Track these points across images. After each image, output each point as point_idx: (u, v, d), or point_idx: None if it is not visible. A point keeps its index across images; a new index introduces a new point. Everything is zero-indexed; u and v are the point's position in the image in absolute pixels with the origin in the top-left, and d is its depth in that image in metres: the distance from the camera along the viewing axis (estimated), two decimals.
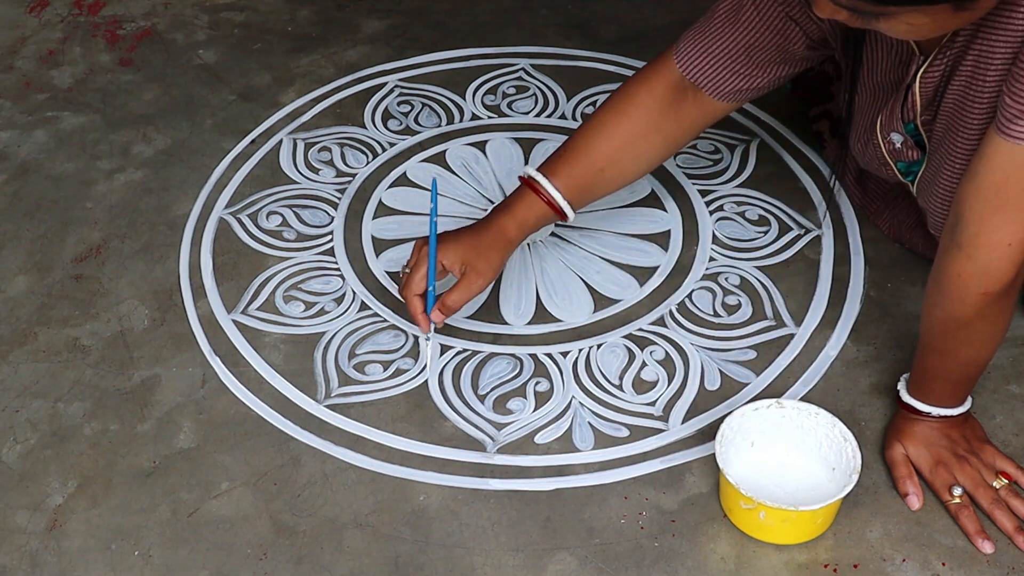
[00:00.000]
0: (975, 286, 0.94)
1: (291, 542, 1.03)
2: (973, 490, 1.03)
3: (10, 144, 1.53)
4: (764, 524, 0.99)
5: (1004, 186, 0.90)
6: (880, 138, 1.11)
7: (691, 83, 1.15)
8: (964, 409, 1.06)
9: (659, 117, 1.16)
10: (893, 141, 1.10)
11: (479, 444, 1.12)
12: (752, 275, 1.29)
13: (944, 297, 0.97)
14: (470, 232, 1.16)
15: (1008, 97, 0.88)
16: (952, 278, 0.95)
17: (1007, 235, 0.91)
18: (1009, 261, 0.92)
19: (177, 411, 1.16)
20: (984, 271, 0.93)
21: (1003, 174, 0.90)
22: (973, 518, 1.02)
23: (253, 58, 1.68)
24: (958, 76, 0.97)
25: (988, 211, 0.91)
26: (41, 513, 1.07)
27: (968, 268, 0.94)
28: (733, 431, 1.05)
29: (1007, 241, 0.91)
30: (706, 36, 1.12)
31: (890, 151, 1.12)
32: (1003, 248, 0.92)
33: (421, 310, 1.13)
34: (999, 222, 0.91)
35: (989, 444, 1.07)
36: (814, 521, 0.99)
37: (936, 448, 1.05)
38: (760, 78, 1.13)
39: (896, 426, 1.09)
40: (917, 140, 1.09)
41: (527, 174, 1.18)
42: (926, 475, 1.05)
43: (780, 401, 1.05)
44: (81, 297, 1.29)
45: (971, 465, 1.05)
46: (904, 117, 1.07)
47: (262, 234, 1.37)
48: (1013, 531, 1.01)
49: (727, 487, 1.01)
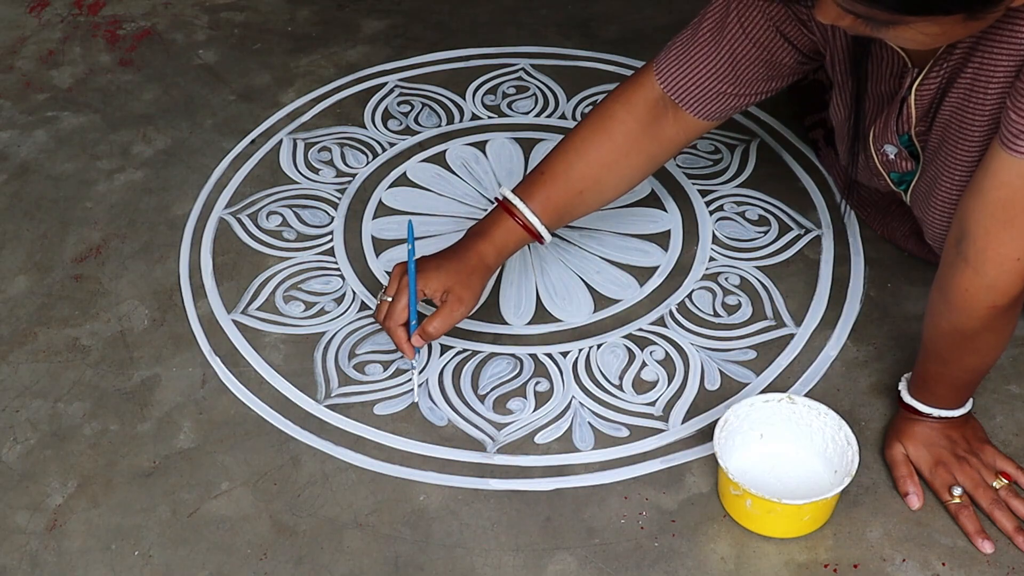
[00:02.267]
0: (983, 300, 0.94)
1: (291, 542, 1.03)
2: (973, 490, 1.04)
3: (10, 144, 1.53)
4: (751, 513, 1.01)
5: (1011, 202, 0.89)
6: (873, 149, 1.11)
7: (671, 101, 1.12)
8: (965, 410, 1.06)
9: (639, 136, 1.14)
10: (887, 152, 1.09)
11: (479, 444, 1.12)
12: (752, 275, 1.29)
13: (951, 309, 0.97)
14: (450, 259, 1.14)
15: (1013, 112, 0.88)
16: (959, 292, 0.95)
17: (1015, 250, 0.91)
18: (1017, 275, 0.92)
19: (177, 411, 1.16)
20: (992, 286, 0.93)
21: (1010, 190, 0.89)
22: (973, 518, 1.02)
23: (253, 58, 1.68)
24: (956, 88, 0.96)
25: (995, 227, 0.91)
26: (41, 513, 1.07)
27: (976, 283, 0.94)
28: (739, 419, 1.05)
29: (1015, 256, 0.91)
30: (690, 53, 1.10)
31: (883, 162, 1.11)
32: (1011, 263, 0.92)
33: (406, 339, 1.12)
34: (1007, 238, 0.91)
35: (989, 444, 1.07)
36: (800, 517, 1.00)
37: (936, 448, 1.06)
38: (745, 96, 1.11)
39: (896, 426, 1.09)
40: (911, 151, 1.08)
41: (503, 196, 1.16)
42: (926, 475, 1.05)
43: (791, 396, 1.06)
44: (81, 297, 1.29)
45: (971, 465, 1.05)
46: (899, 129, 1.06)
47: (262, 234, 1.37)
48: (1013, 531, 1.01)
49: (721, 472, 1.02)
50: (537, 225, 1.15)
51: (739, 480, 0.99)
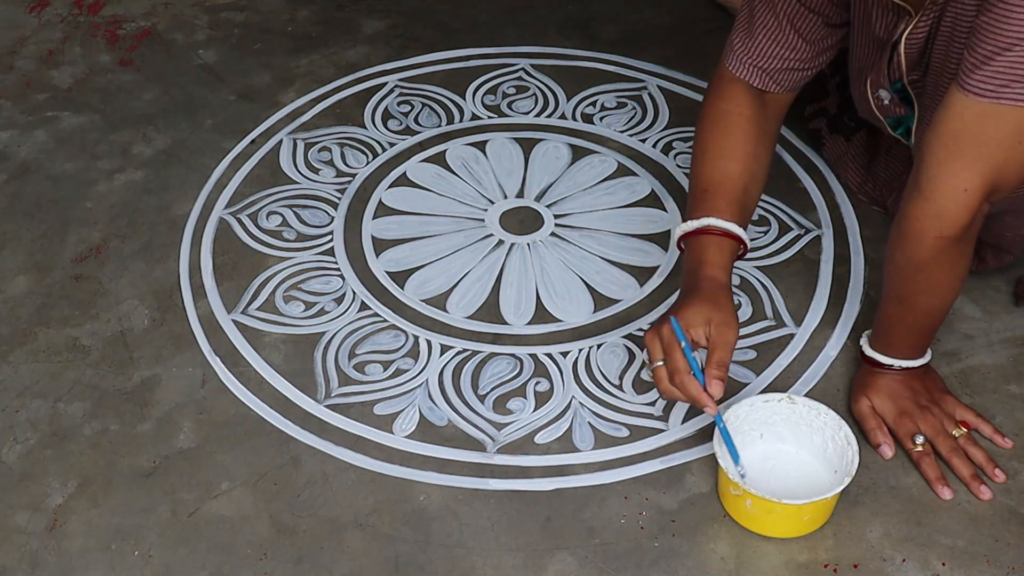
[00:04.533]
0: (931, 228, 0.98)
1: (291, 542, 1.03)
2: (934, 438, 1.08)
3: (10, 144, 1.53)
4: (751, 513, 1.01)
5: (961, 135, 0.94)
6: (870, 93, 1.16)
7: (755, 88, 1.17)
8: (924, 361, 1.10)
9: (753, 122, 1.16)
10: (881, 97, 1.15)
11: (479, 444, 1.12)
12: (752, 275, 1.30)
13: (903, 239, 1.01)
14: (690, 298, 1.07)
15: (967, 50, 0.93)
16: (910, 220, 0.99)
17: (963, 181, 0.95)
18: (963, 206, 0.96)
19: (177, 411, 1.16)
20: (939, 214, 0.97)
21: (960, 123, 0.94)
22: (934, 465, 1.06)
23: (253, 58, 1.68)
24: (940, 35, 1.01)
25: (946, 156, 0.95)
26: (41, 513, 1.07)
27: (925, 210, 0.98)
28: (739, 419, 1.05)
29: (963, 187, 0.95)
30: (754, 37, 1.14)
31: (879, 106, 1.16)
32: (958, 193, 0.95)
33: (701, 389, 1.02)
34: (956, 168, 0.95)
35: (950, 395, 1.11)
36: (800, 517, 1.00)
37: (900, 399, 1.09)
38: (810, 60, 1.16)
39: (861, 380, 1.12)
40: (903, 97, 1.13)
41: (686, 229, 1.13)
42: (890, 425, 1.09)
43: (791, 396, 1.06)
44: (81, 297, 1.29)
45: (933, 415, 1.09)
46: (891, 75, 1.11)
47: (262, 234, 1.37)
48: (969, 478, 1.05)
49: (721, 472, 1.02)
50: (735, 229, 1.11)
51: (746, 484, 0.99)
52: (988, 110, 0.92)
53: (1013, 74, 0.90)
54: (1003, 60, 0.89)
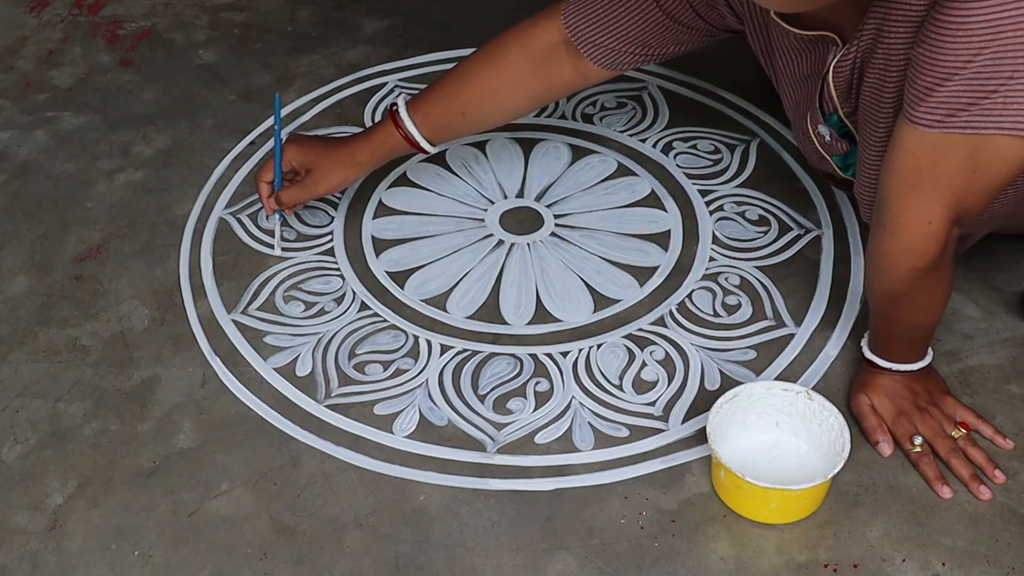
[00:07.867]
0: (903, 263, 0.98)
1: (291, 542, 1.03)
2: (933, 439, 1.07)
3: (10, 144, 1.53)
4: (725, 485, 1.02)
5: (915, 168, 0.93)
6: (812, 132, 1.14)
7: (574, 47, 1.16)
8: (924, 363, 1.10)
9: (527, 76, 1.21)
10: (822, 134, 1.13)
11: (479, 444, 1.12)
12: (752, 275, 1.30)
13: (878, 272, 1.02)
14: (321, 142, 1.26)
15: (908, 82, 0.92)
16: (882, 257, 1.00)
17: (925, 214, 0.95)
18: (931, 238, 0.96)
19: (177, 411, 1.16)
20: (908, 249, 0.97)
21: (913, 157, 0.93)
22: (932, 465, 1.06)
23: (253, 58, 1.68)
24: (872, 65, 0.99)
25: (905, 192, 0.95)
26: (41, 513, 1.07)
27: (894, 247, 0.98)
28: (754, 399, 1.06)
29: (926, 220, 0.95)
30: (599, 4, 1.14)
31: (822, 144, 1.15)
32: (923, 226, 0.96)
33: (267, 195, 1.27)
34: (915, 202, 0.95)
35: (950, 396, 1.11)
36: (765, 503, 1.00)
37: (899, 400, 1.09)
38: (650, 56, 1.17)
39: (861, 378, 1.12)
40: (843, 132, 1.11)
41: (395, 105, 1.24)
42: (889, 424, 1.09)
43: (809, 392, 1.07)
44: (81, 297, 1.29)
45: (932, 416, 1.09)
46: (823, 108, 1.09)
47: (262, 234, 1.37)
48: (968, 478, 1.05)
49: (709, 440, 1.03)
50: (415, 135, 1.24)
51: (715, 447, 1.01)
52: (939, 141, 0.91)
53: (957, 103, 0.88)
54: (944, 91, 0.88)
